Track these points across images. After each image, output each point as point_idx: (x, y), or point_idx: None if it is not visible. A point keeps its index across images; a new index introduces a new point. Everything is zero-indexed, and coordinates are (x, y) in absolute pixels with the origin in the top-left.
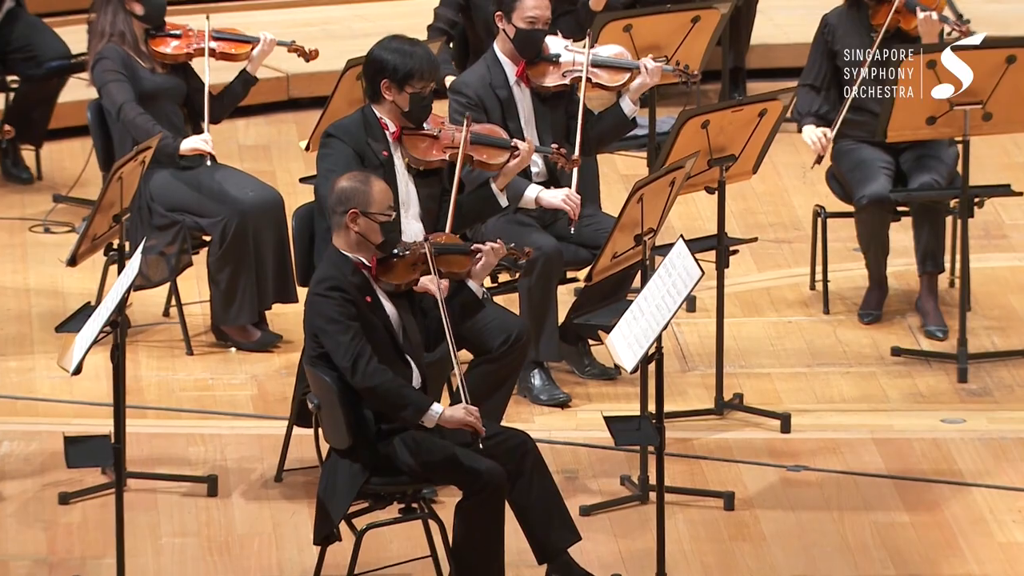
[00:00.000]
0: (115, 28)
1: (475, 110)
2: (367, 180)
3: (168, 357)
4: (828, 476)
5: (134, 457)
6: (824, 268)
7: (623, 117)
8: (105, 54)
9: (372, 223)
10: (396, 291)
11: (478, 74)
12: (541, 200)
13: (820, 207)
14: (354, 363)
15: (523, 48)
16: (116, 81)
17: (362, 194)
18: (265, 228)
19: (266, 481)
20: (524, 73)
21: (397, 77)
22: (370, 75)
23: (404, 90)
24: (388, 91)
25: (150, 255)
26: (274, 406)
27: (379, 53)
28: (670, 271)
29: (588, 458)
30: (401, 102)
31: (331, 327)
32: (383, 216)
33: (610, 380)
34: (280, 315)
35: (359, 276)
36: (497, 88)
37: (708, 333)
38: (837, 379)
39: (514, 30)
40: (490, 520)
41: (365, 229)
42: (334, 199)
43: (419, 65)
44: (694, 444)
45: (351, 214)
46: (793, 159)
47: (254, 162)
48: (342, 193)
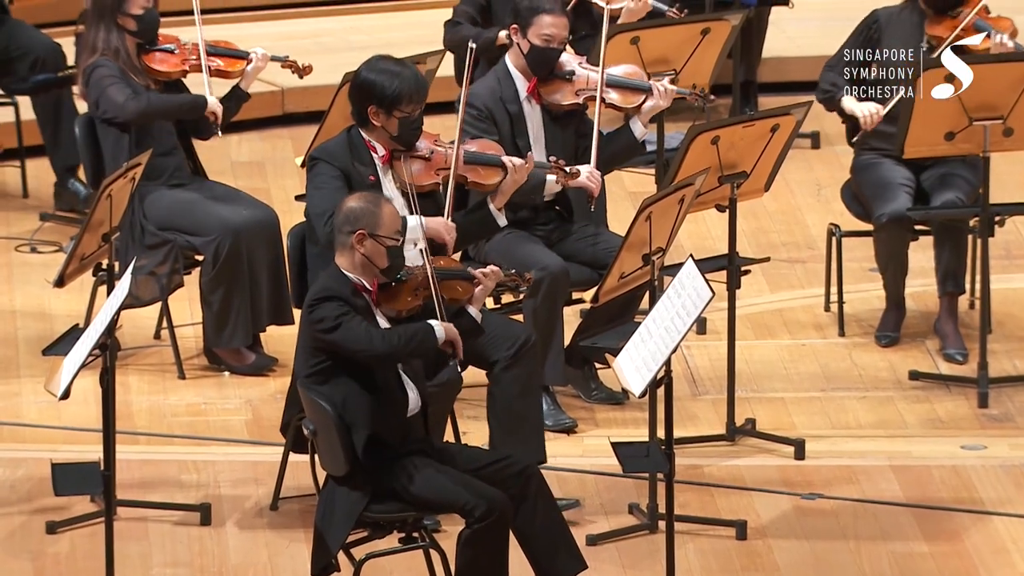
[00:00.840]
0: (108, 44)
1: (485, 123)
2: (377, 202)
3: (159, 381)
4: (844, 505)
5: (124, 484)
6: (839, 289)
7: (633, 140)
8: (99, 63)
9: (379, 246)
10: (397, 318)
11: (488, 86)
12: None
13: (835, 226)
14: (370, 336)
15: (536, 65)
16: (113, 84)
17: (371, 215)
18: (259, 247)
19: (261, 509)
20: (535, 89)
21: (385, 102)
22: (357, 99)
23: (392, 115)
24: (376, 116)
25: (140, 275)
26: (269, 432)
27: (366, 76)
28: (679, 292)
29: (595, 486)
30: (390, 127)
31: (337, 321)
32: (390, 240)
33: (618, 405)
34: (275, 337)
35: (360, 299)
36: (507, 103)
37: (719, 356)
38: (853, 404)
39: (528, 46)
40: (494, 549)
41: (371, 252)
42: (341, 218)
43: (407, 88)
44: (705, 471)
45: (358, 235)
46: (807, 176)
47: (248, 179)
48: (350, 213)
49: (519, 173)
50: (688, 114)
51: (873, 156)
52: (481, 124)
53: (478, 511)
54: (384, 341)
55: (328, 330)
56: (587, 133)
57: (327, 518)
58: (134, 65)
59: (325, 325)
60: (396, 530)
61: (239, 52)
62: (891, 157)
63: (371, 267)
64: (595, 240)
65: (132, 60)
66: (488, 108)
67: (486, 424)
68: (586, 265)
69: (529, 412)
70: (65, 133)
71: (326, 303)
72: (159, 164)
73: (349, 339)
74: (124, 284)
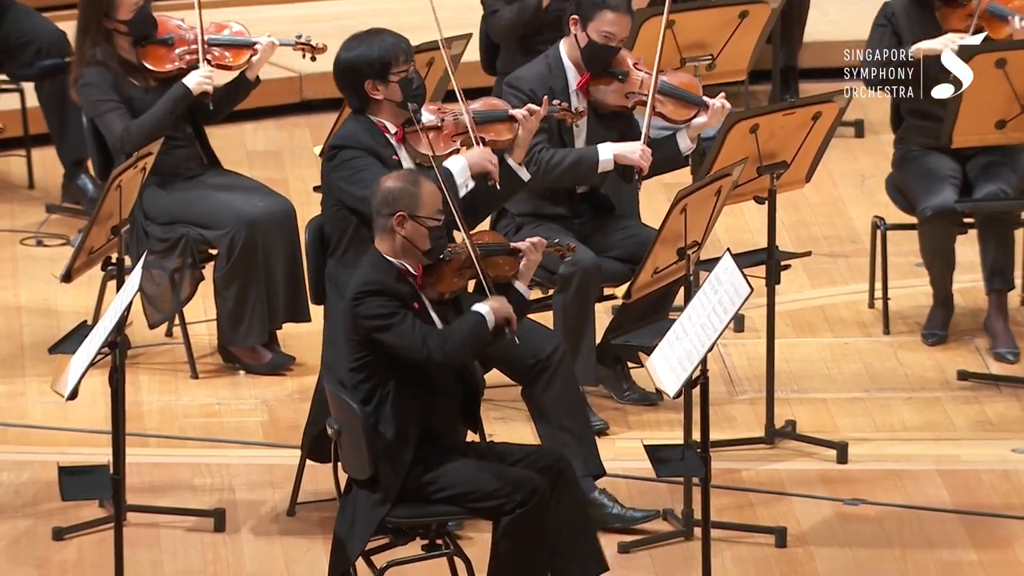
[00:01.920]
0: (95, 57)
1: None
2: (417, 181)
3: (171, 381)
4: (889, 511)
5: (134, 489)
6: (884, 285)
7: (676, 153)
8: (90, 80)
9: (420, 228)
10: (440, 299)
11: (537, 72)
12: (619, 156)
13: (879, 218)
14: (426, 345)
15: (591, 61)
16: (110, 111)
17: (411, 196)
18: (275, 241)
19: (278, 515)
20: (585, 84)
21: (376, 71)
22: (350, 83)
23: (389, 80)
24: (375, 90)
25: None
26: (286, 433)
27: (346, 57)
28: (716, 288)
29: (628, 490)
30: (392, 94)
31: (389, 321)
32: (432, 220)
33: (651, 406)
34: (292, 335)
35: (405, 284)
36: (556, 92)
37: (758, 355)
38: (898, 405)
39: (587, 40)
40: (537, 536)
41: (412, 234)
42: (379, 199)
43: (391, 48)
44: (742, 475)
45: (398, 217)
46: (850, 166)
47: (264, 169)
48: (389, 194)
49: (531, 123)
50: None
51: (916, 148)
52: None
53: (519, 495)
54: (441, 350)
55: (379, 329)
56: (631, 139)
57: (347, 524)
58: (131, 65)
59: (376, 323)
60: (419, 536)
61: (244, 40)
62: (936, 148)
63: (413, 250)
64: (628, 234)
65: (127, 63)
66: (535, 92)
67: (511, 426)
68: (618, 260)
69: (580, 427)
70: (72, 123)
71: (373, 298)
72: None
73: (402, 345)
74: (134, 279)
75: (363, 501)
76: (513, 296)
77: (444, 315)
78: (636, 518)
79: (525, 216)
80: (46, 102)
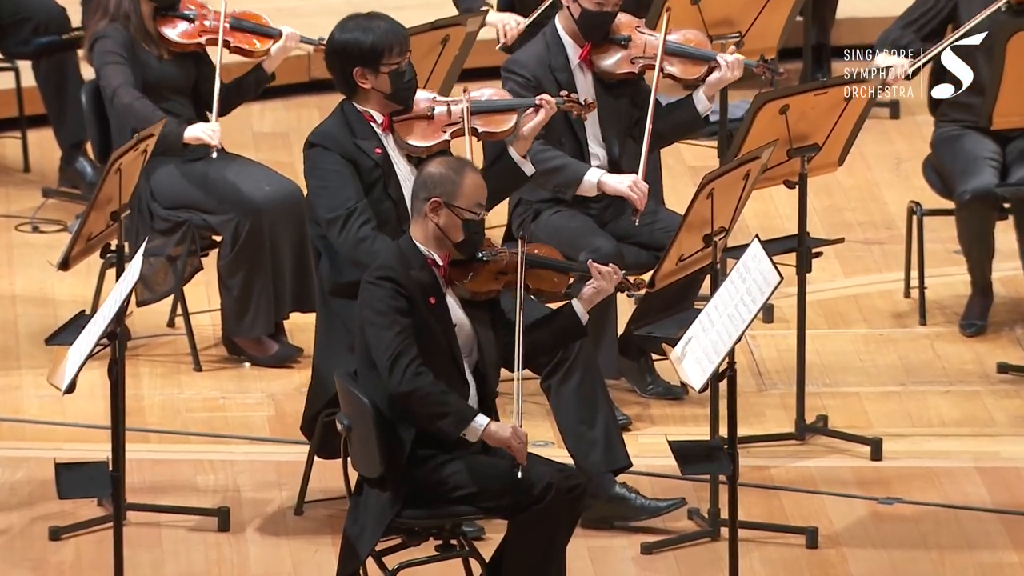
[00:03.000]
0: (119, 10)
1: (532, 92)
2: (460, 169)
3: (173, 373)
4: (925, 510)
5: (135, 486)
6: (920, 273)
7: (695, 114)
8: (106, 33)
9: (455, 218)
10: (473, 298)
11: (535, 52)
12: (604, 185)
13: (916, 203)
14: (393, 361)
15: (587, 31)
16: (115, 63)
17: (450, 183)
18: (283, 227)
19: (285, 514)
20: (588, 56)
21: (367, 59)
22: (338, 66)
23: (380, 71)
24: (364, 78)
25: (154, 265)
26: (293, 429)
27: (339, 38)
28: (744, 276)
29: (651, 488)
30: (381, 85)
31: (377, 319)
32: (469, 213)
33: (676, 400)
34: (299, 325)
35: (427, 273)
36: (557, 71)
37: (788, 347)
38: (935, 399)
39: (579, 10)
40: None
41: (446, 223)
42: (419, 182)
43: (386, 38)
44: (772, 473)
45: (432, 203)
46: (885, 149)
47: (271, 152)
48: (428, 178)
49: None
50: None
51: (955, 128)
52: (528, 93)
53: (535, 490)
54: (400, 381)
55: (366, 320)
56: (643, 104)
57: (357, 524)
58: (147, 32)
59: (366, 313)
60: (433, 537)
61: (268, 30)
62: (976, 129)
63: (445, 240)
64: (652, 219)
65: (145, 26)
66: (535, 76)
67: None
68: (641, 247)
69: (603, 420)
70: (71, 105)
71: (384, 287)
72: None
73: (376, 346)
74: (134, 267)
75: (373, 500)
76: (566, 318)
77: (473, 316)
78: (661, 508)
79: (542, 203)
80: (44, 81)
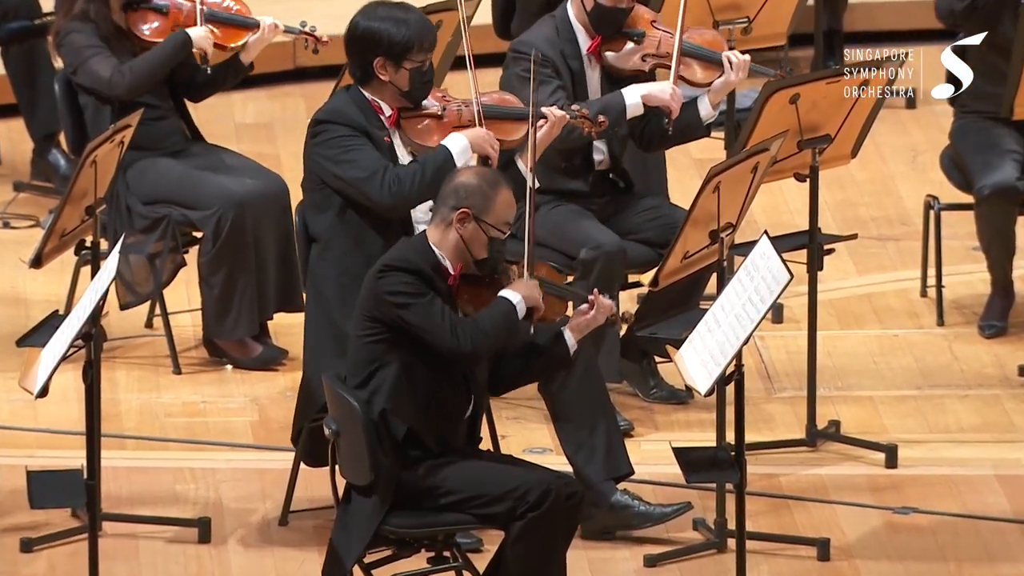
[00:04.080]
0: (86, 15)
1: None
2: (495, 184)
3: (151, 376)
4: (943, 520)
5: (111, 496)
6: (938, 271)
7: (697, 122)
8: (75, 28)
9: (481, 233)
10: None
11: (544, 35)
12: (648, 96)
13: (933, 197)
14: (455, 333)
15: (599, 25)
16: (95, 56)
17: (483, 196)
18: (267, 222)
19: (269, 524)
20: (597, 48)
21: (393, 53)
22: (359, 52)
23: (402, 66)
24: (383, 70)
25: (135, 265)
26: (278, 435)
27: (367, 25)
28: (752, 274)
29: (654, 497)
30: (400, 81)
31: (414, 300)
32: (496, 231)
33: (680, 404)
34: (285, 326)
35: (440, 279)
36: (568, 58)
37: (798, 348)
38: (953, 404)
39: (592, 3)
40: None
41: (471, 236)
42: (449, 189)
43: (417, 34)
44: (781, 481)
45: (461, 213)
46: (900, 140)
47: (253, 143)
48: (461, 187)
49: (553, 128)
50: None
51: (976, 119)
52: (545, 70)
53: (533, 494)
54: (469, 340)
55: (401, 306)
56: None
57: (344, 534)
58: (117, 29)
59: (399, 300)
60: (425, 548)
61: (246, 20)
62: (998, 120)
63: (465, 253)
64: (655, 214)
65: (115, 24)
66: (549, 57)
67: (526, 426)
68: (645, 243)
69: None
70: (43, 94)
71: (401, 273)
72: (152, 131)
73: (427, 328)
74: (111, 264)
75: (361, 507)
76: (557, 348)
77: None
78: (666, 514)
79: (541, 195)
80: (14, 69)
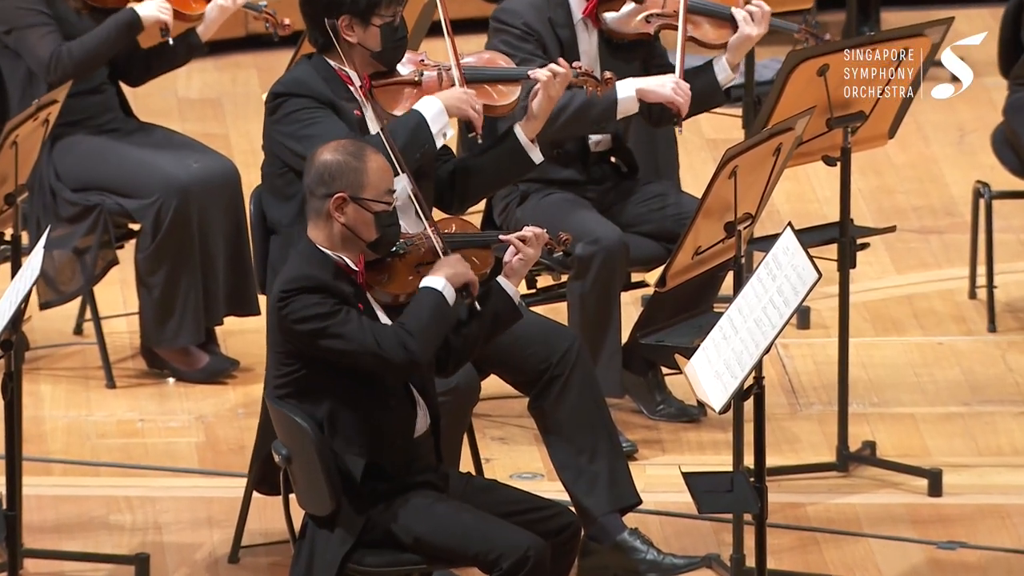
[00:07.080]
0: None
1: (531, 44)
2: (361, 154)
3: (82, 391)
4: (994, 556)
5: (34, 528)
6: (988, 269)
7: (714, 86)
8: None
9: (364, 213)
10: (394, 303)
11: (532, 3)
12: (644, 93)
13: (983, 184)
14: (381, 346)
15: None
16: (41, 26)
17: (353, 172)
18: (215, 213)
19: (217, 561)
20: (593, 10)
21: (359, 7)
22: (320, 13)
23: (371, 23)
24: (350, 30)
25: (61, 258)
26: (227, 458)
27: None
28: (774, 273)
29: (661, 530)
30: (370, 41)
31: (328, 322)
32: (380, 204)
33: (692, 423)
34: (235, 333)
35: (345, 282)
36: (557, 26)
37: (827, 358)
38: (1006, 422)
39: None
40: None
41: (354, 221)
42: (313, 177)
43: None
44: (808, 511)
45: (336, 199)
46: (945, 118)
47: (199, 122)
48: (326, 170)
49: (554, 87)
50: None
51: None
52: (527, 45)
53: (506, 561)
54: (401, 348)
55: (316, 333)
56: (659, 66)
57: (303, 570)
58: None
59: (311, 326)
60: None
61: None
62: None
63: (356, 241)
64: (662, 203)
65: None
66: (535, 29)
67: (514, 448)
68: (650, 237)
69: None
70: None
71: (303, 295)
72: (82, 105)
73: (350, 349)
74: (34, 261)
75: (322, 542)
76: (497, 299)
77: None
78: (677, 566)
79: (530, 183)
80: None
